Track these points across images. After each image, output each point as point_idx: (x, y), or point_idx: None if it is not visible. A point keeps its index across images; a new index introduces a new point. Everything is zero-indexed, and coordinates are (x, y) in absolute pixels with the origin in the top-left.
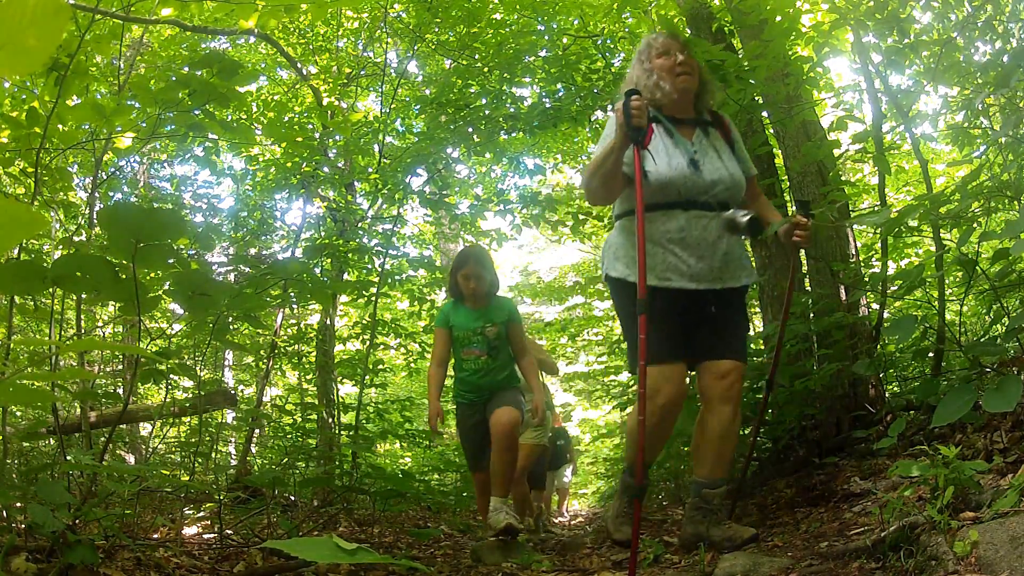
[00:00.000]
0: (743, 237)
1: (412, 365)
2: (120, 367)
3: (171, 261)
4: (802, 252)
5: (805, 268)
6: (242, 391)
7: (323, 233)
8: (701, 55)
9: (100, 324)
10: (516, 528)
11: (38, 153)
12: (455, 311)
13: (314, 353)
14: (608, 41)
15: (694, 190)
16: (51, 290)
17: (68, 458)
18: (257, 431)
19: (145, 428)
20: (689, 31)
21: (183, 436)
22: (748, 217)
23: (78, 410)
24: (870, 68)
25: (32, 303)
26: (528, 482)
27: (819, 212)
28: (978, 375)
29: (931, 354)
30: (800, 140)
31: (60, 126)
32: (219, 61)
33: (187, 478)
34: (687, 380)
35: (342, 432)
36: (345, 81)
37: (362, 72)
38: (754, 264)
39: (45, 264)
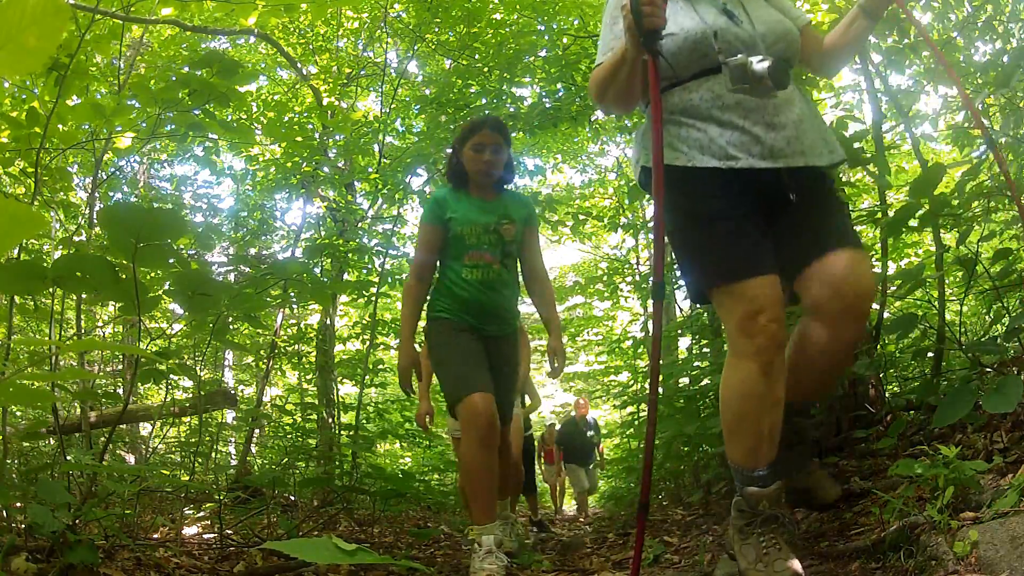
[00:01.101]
0: (763, 92)
1: None
2: (120, 367)
3: (171, 261)
4: None
5: None
6: (242, 391)
7: (323, 233)
8: None
9: (100, 324)
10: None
11: (38, 153)
12: (455, 201)
13: (314, 353)
14: None
15: (736, 45)
16: (51, 290)
17: (68, 458)
18: (257, 431)
19: (145, 428)
20: None
21: (183, 436)
22: (768, 63)
23: (78, 410)
24: (870, 68)
25: (32, 303)
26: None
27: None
28: (978, 375)
29: (931, 354)
30: None
31: (60, 126)
32: (219, 61)
33: (187, 478)
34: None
35: (342, 432)
36: (345, 81)
37: (362, 72)
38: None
39: (45, 264)
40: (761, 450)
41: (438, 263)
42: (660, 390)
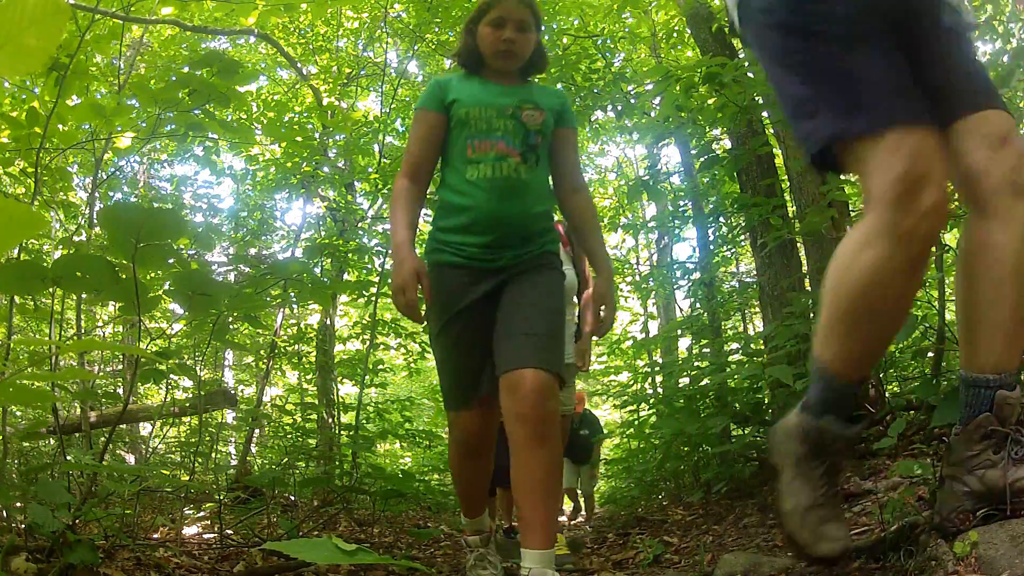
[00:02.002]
0: None
1: (412, 365)
2: (120, 367)
3: (171, 261)
4: (802, 252)
5: (805, 268)
6: (242, 391)
7: (323, 233)
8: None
9: (100, 324)
10: None
11: (38, 153)
12: (462, 83)
13: (314, 353)
14: (608, 41)
15: None
16: (51, 290)
17: (68, 458)
18: (257, 431)
19: (145, 428)
20: (689, 31)
21: (183, 436)
22: None
23: (78, 410)
24: None
25: (32, 303)
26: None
27: (818, 216)
28: None
29: (931, 354)
30: None
31: (60, 126)
32: (219, 61)
33: (187, 478)
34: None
35: (342, 432)
36: (345, 81)
37: (362, 72)
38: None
39: (45, 264)
40: (864, 363)
41: (439, 173)
42: (660, 390)
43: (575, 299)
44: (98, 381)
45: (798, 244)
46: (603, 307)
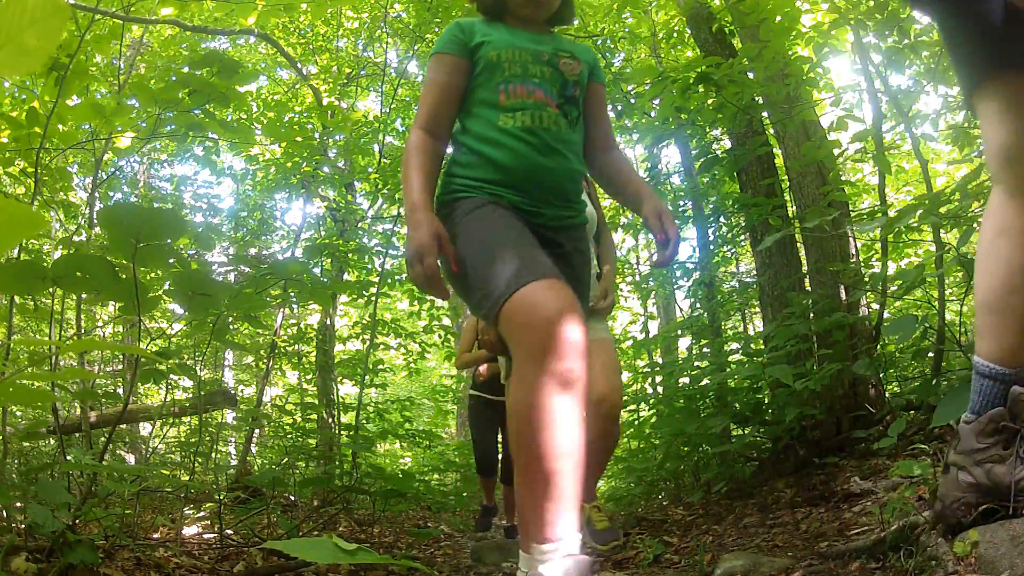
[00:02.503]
0: None
1: (412, 365)
2: (120, 367)
3: (171, 261)
4: (802, 252)
5: (805, 268)
6: (242, 391)
7: (323, 233)
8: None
9: (100, 324)
10: None
11: (38, 153)
12: (486, 26)
13: (314, 353)
14: (608, 41)
15: None
16: (51, 290)
17: (68, 458)
18: (257, 431)
19: (145, 428)
20: (689, 31)
21: (183, 436)
22: None
23: (78, 410)
24: (870, 68)
25: (32, 303)
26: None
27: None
28: None
29: (931, 354)
30: (800, 140)
31: (60, 126)
32: (219, 61)
33: (187, 478)
34: None
35: (342, 432)
36: (345, 81)
37: (362, 72)
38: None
39: (45, 264)
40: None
41: (457, 120)
42: (660, 390)
43: (592, 239)
44: (98, 381)
45: (798, 244)
46: (664, 223)
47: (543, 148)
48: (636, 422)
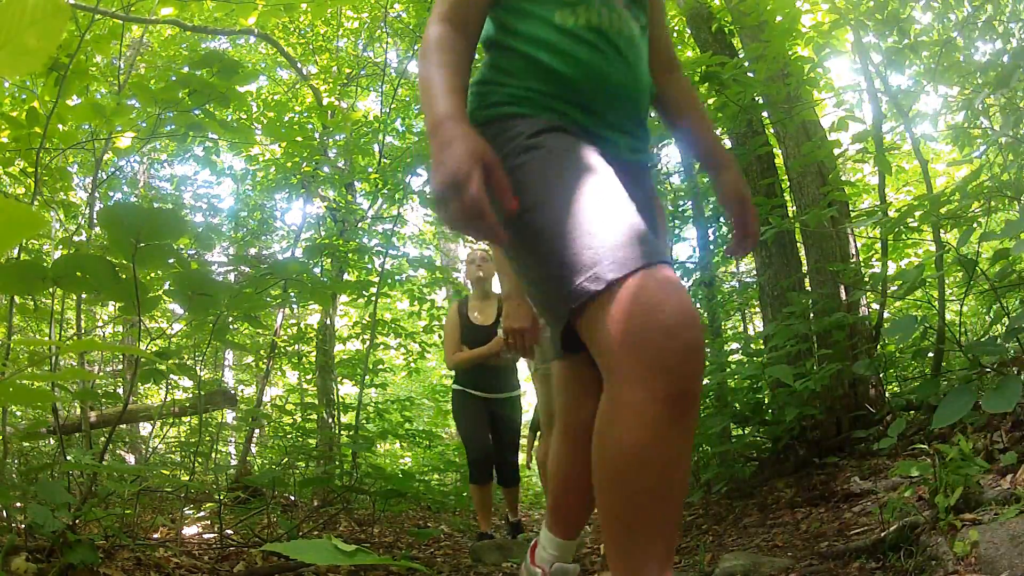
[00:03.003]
0: None
1: (412, 365)
2: (120, 367)
3: (171, 261)
4: (802, 252)
5: (805, 268)
6: (242, 391)
7: (323, 233)
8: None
9: (100, 324)
10: None
11: (38, 153)
12: None
13: (314, 353)
14: None
15: None
16: (51, 290)
17: (68, 458)
18: (257, 431)
19: (145, 428)
20: (689, 31)
21: (183, 436)
22: None
23: (78, 410)
24: (870, 68)
25: (32, 303)
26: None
27: (818, 217)
28: (978, 375)
29: (931, 354)
30: (800, 140)
31: (60, 126)
32: (219, 61)
33: (187, 478)
34: None
35: (342, 432)
36: (345, 81)
37: (362, 72)
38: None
39: (45, 264)
40: None
41: (492, 19)
42: None
43: None
44: (98, 381)
45: (798, 244)
46: (744, 209)
47: (615, 53)
48: None
